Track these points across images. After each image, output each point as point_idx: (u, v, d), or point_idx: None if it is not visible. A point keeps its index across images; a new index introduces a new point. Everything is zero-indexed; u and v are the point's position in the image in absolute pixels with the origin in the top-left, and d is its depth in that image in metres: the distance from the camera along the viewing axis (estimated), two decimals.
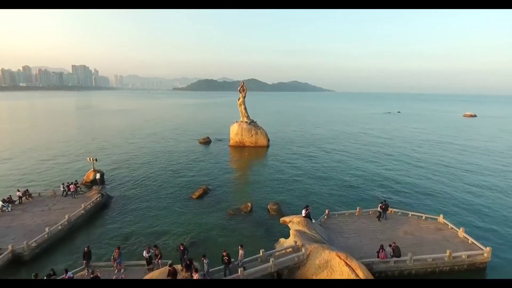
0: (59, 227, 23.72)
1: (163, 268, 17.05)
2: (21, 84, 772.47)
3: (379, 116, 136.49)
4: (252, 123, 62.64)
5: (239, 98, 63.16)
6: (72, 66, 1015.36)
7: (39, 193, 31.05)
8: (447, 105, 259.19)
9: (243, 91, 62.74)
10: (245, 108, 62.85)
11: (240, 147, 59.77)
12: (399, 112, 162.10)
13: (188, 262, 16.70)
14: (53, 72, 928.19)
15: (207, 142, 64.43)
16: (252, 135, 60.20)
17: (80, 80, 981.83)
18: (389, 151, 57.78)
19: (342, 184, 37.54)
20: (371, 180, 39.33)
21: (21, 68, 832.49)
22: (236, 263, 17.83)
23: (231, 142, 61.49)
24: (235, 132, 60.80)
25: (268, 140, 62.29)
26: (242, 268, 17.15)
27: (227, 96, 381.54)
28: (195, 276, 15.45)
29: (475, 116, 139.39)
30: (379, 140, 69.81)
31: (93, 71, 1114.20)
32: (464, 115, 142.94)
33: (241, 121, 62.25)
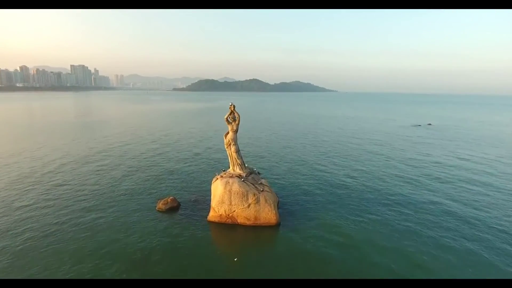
0: None
1: None
2: (17, 85, 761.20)
3: (412, 134, 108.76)
4: (250, 176, 35.65)
5: (227, 132, 36.34)
6: (71, 66, 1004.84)
7: None
8: (476, 112, 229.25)
9: (234, 120, 35.76)
10: (238, 151, 35.79)
11: (227, 226, 32.90)
12: (430, 124, 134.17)
13: None
14: (51, 72, 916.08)
15: (171, 208, 36.88)
16: (249, 205, 32.97)
17: (79, 80, 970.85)
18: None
19: None
20: None
21: (18, 68, 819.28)
22: None
23: (212, 216, 33.95)
24: (219, 198, 33.48)
25: (278, 207, 35.48)
26: None
27: (225, 99, 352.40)
28: None
29: None
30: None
31: (93, 70, 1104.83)
32: None
33: (231, 175, 35.30)
